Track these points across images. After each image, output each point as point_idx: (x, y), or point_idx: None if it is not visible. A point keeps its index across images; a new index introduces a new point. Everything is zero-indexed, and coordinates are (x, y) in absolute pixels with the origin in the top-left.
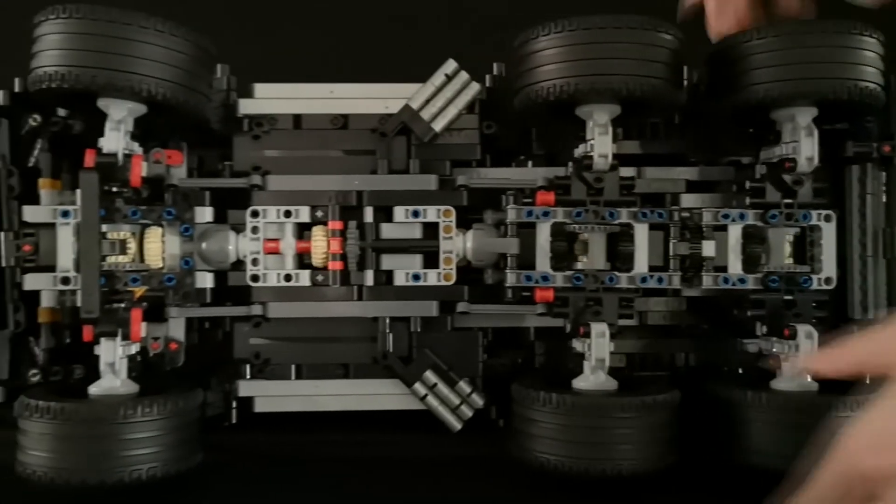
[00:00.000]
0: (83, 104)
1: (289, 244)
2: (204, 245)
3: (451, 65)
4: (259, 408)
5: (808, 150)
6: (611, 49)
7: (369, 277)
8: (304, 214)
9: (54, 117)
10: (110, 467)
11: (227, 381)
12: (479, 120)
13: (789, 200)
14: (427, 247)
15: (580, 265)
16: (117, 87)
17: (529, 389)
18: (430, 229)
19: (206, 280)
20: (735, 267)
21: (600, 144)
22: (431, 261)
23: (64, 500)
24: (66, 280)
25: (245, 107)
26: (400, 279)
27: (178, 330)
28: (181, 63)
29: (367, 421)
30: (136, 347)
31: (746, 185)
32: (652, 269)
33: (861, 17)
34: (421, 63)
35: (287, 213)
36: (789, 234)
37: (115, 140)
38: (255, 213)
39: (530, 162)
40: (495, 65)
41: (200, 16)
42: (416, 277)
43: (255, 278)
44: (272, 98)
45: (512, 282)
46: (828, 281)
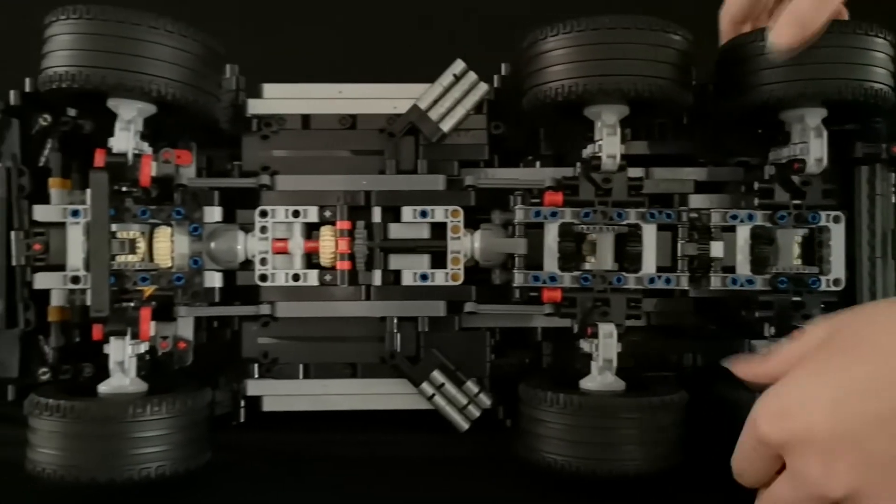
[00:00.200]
0: (93, 104)
1: (297, 244)
2: (213, 244)
3: (459, 65)
4: (267, 407)
5: (817, 151)
6: (620, 49)
7: (377, 277)
8: (312, 214)
9: (64, 117)
10: (119, 465)
11: (235, 381)
12: (488, 120)
13: (798, 201)
14: (435, 247)
15: (588, 266)
16: (127, 88)
17: (537, 390)
18: (438, 229)
19: (214, 279)
20: (743, 268)
21: (608, 145)
22: (439, 261)
23: (73, 498)
24: (75, 279)
25: (254, 107)
26: (408, 279)
27: (186, 329)
28: (191, 63)
29: (375, 420)
30: (145, 346)
31: (755, 185)
32: (660, 269)
33: (870, 17)
34: (429, 63)
35: (295, 213)
36: (798, 235)
37: (124, 140)
38: (263, 213)
39: (538, 162)
40: (503, 65)
41: (209, 16)
42: (424, 277)
43: (263, 278)
44: (281, 98)
45: (520, 282)
46: (836, 282)
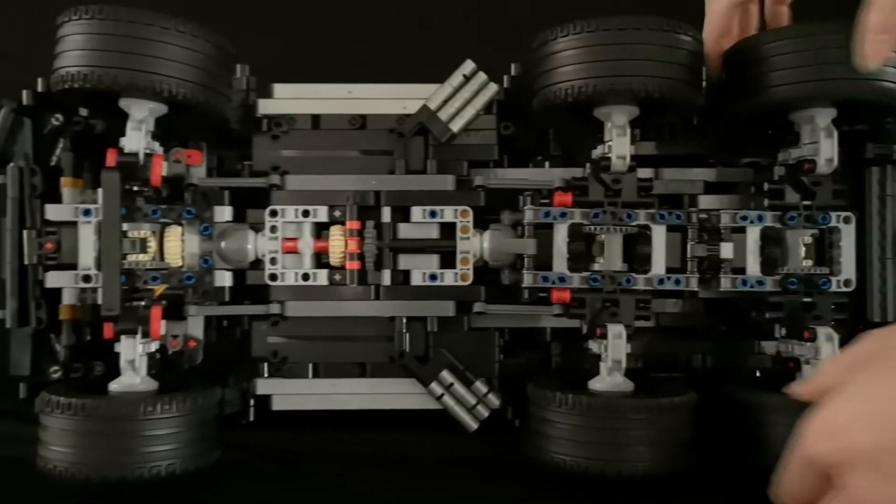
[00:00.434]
0: (105, 104)
1: (307, 243)
2: (223, 244)
3: (468, 65)
4: (276, 406)
5: (827, 151)
6: (630, 50)
7: (386, 277)
8: (322, 214)
9: (76, 117)
10: (130, 463)
11: (244, 380)
12: (497, 120)
13: (808, 202)
14: (444, 247)
15: (597, 266)
16: (139, 88)
17: (545, 390)
18: (448, 229)
19: (224, 279)
20: (753, 269)
21: (618, 146)
22: (448, 261)
23: (84, 495)
24: (87, 278)
25: (264, 107)
26: (417, 279)
27: (196, 328)
28: (202, 64)
29: (384, 420)
30: (156, 345)
31: (765, 186)
32: (669, 270)
33: None
34: (439, 63)
35: (305, 213)
36: (808, 235)
37: (136, 140)
38: (273, 213)
39: (547, 163)
40: (513, 65)
41: (219, 16)
42: (433, 277)
43: (273, 277)
44: (291, 98)
45: (529, 282)
46: (847, 283)
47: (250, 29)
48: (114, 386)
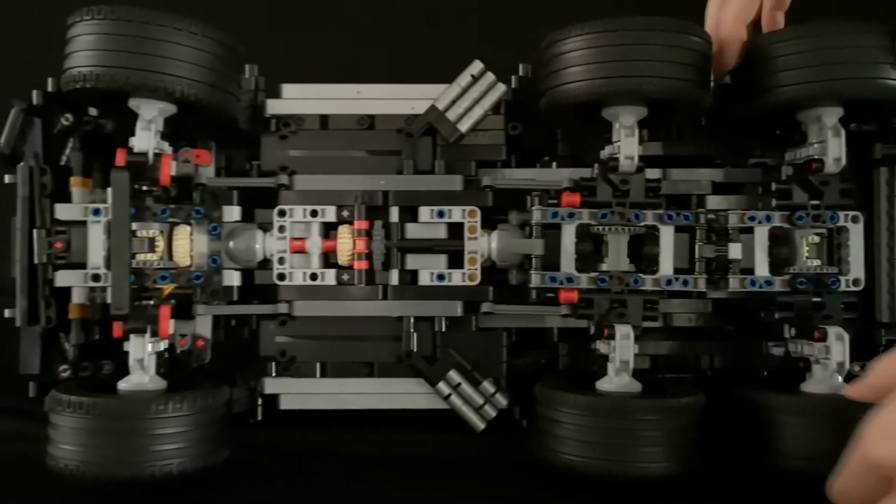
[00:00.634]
0: (114, 104)
1: (315, 243)
2: (231, 244)
3: (477, 66)
4: (284, 405)
5: (835, 150)
6: (639, 51)
7: (394, 277)
8: (330, 214)
9: (86, 117)
10: (139, 462)
11: (252, 379)
12: (505, 121)
13: (816, 202)
14: (452, 247)
15: (605, 267)
16: (151, 88)
17: (553, 390)
18: (455, 229)
19: (233, 278)
20: (762, 269)
21: (626, 146)
22: (456, 261)
23: (93, 494)
24: (96, 277)
25: (273, 107)
26: (425, 279)
27: (205, 327)
28: (212, 64)
29: (391, 420)
30: (165, 344)
31: (772, 186)
32: (677, 271)
33: (889, 15)
34: (447, 64)
35: (313, 213)
36: (816, 235)
37: (145, 139)
38: (281, 213)
39: (555, 163)
40: (521, 66)
41: (228, 16)
42: (441, 277)
43: (281, 277)
44: (299, 98)
45: (536, 283)
46: (856, 282)
47: (259, 29)
48: (123, 385)
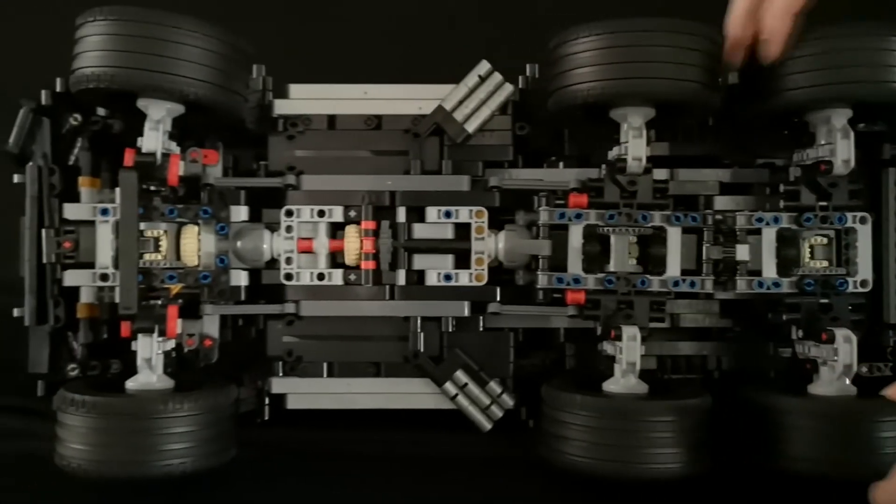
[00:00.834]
0: (123, 104)
1: (322, 243)
2: (239, 243)
3: (484, 66)
4: (291, 405)
5: (843, 152)
6: (648, 52)
7: (401, 277)
8: (337, 214)
9: (94, 117)
10: (147, 461)
11: (259, 378)
12: (512, 121)
13: (824, 203)
14: (459, 247)
15: (612, 268)
16: (159, 89)
17: (560, 391)
18: (462, 230)
19: (240, 278)
20: (769, 270)
21: (634, 147)
22: (463, 261)
23: (101, 493)
24: (104, 276)
25: (280, 107)
26: (432, 279)
27: (212, 327)
28: (220, 65)
29: (398, 419)
30: (172, 344)
31: (780, 187)
32: (685, 272)
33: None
34: (454, 64)
35: (321, 213)
36: (824, 236)
37: (153, 140)
38: (289, 213)
39: (562, 163)
40: (528, 66)
41: (235, 16)
42: (448, 277)
43: (288, 277)
44: (307, 99)
45: (543, 283)
46: (864, 283)
47: (266, 29)
48: (130, 384)
